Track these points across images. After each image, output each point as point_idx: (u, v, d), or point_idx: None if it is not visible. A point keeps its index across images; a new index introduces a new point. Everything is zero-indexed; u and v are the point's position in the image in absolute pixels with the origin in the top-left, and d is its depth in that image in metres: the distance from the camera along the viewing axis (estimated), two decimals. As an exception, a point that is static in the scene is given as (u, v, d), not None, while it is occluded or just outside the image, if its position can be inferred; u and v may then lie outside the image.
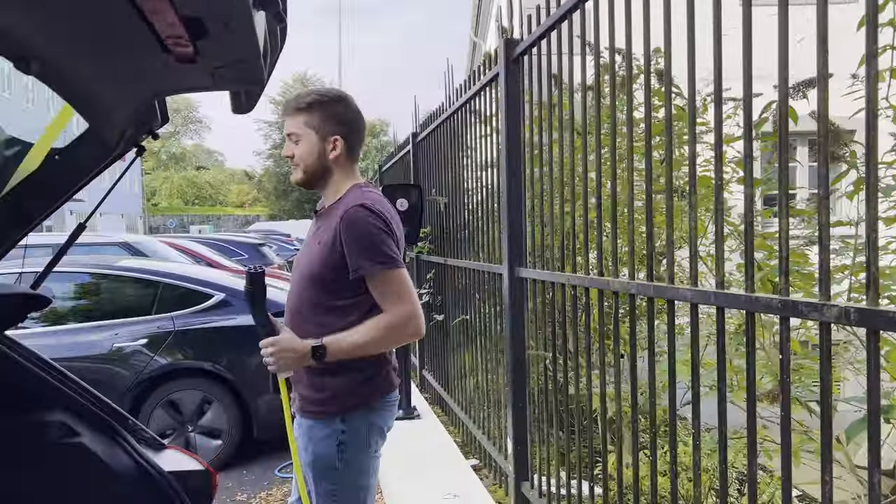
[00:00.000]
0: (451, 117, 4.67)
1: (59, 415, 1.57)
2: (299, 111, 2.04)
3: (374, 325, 1.92)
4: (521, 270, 3.24)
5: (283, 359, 1.88)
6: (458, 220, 4.59)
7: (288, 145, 2.08)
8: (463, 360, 4.56)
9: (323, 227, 2.03)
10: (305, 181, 2.08)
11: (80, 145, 1.59)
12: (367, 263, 1.91)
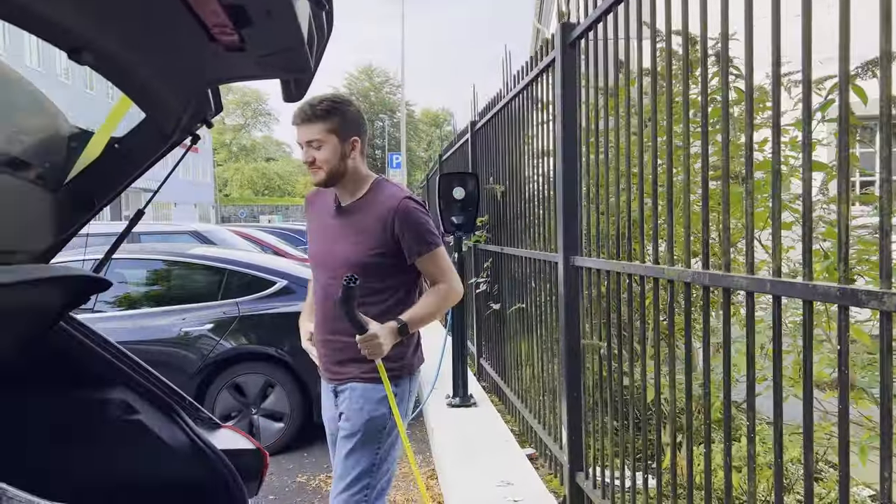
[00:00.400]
0: (509, 105, 4.64)
1: (120, 393, 1.65)
2: (318, 118, 2.17)
3: (437, 296, 2.26)
4: (576, 259, 3.20)
5: (383, 346, 2.10)
6: (515, 208, 4.57)
7: (308, 151, 2.20)
8: (519, 349, 4.55)
9: (359, 219, 2.24)
10: (328, 181, 2.24)
11: (137, 134, 1.66)
12: (424, 247, 2.24)
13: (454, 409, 4.87)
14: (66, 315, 1.57)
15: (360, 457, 2.21)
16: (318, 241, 2.32)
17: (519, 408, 4.53)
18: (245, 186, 67.19)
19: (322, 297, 2.29)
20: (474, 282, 5.84)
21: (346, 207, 2.29)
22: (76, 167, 1.60)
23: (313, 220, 2.40)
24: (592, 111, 3.04)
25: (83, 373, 1.63)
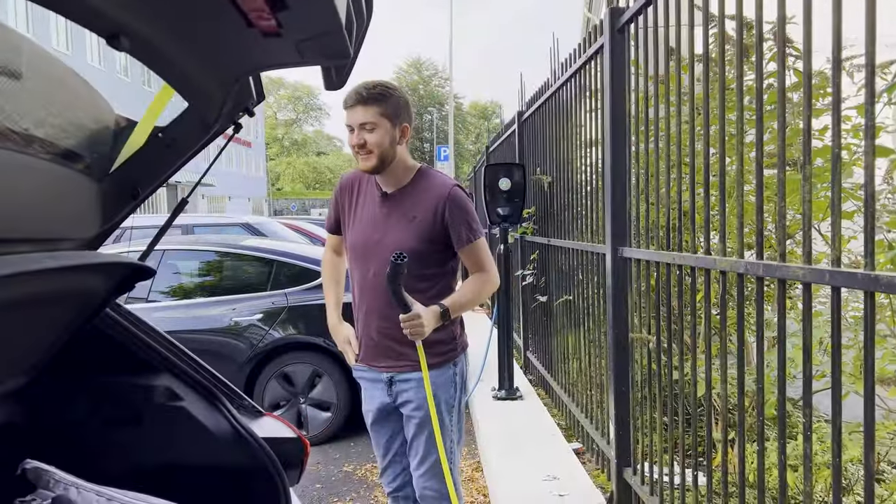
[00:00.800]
0: (556, 93, 4.56)
1: (164, 380, 1.67)
2: (372, 101, 2.15)
3: (478, 283, 2.30)
4: (625, 250, 3.12)
5: (425, 327, 2.11)
6: (562, 199, 4.50)
7: (360, 134, 2.18)
8: (566, 342, 4.49)
9: (408, 206, 2.24)
10: (377, 167, 2.22)
11: (180, 124, 1.67)
12: (472, 234, 2.27)
13: (500, 401, 4.84)
14: (111, 302, 1.60)
15: (433, 440, 2.27)
16: (363, 231, 2.29)
17: (565, 401, 4.47)
18: (296, 180, 68.27)
19: (372, 286, 2.26)
20: (520, 274, 5.79)
21: (393, 195, 2.27)
22: (121, 157, 1.62)
23: (352, 207, 2.35)
24: (642, 99, 2.95)
25: (129, 360, 1.65)
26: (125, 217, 1.68)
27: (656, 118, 2.79)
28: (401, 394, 2.31)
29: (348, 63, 1.73)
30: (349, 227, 2.35)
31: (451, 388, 2.33)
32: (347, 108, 2.17)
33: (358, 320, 2.36)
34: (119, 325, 1.66)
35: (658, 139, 2.78)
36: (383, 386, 2.34)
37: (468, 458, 4.34)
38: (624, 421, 3.23)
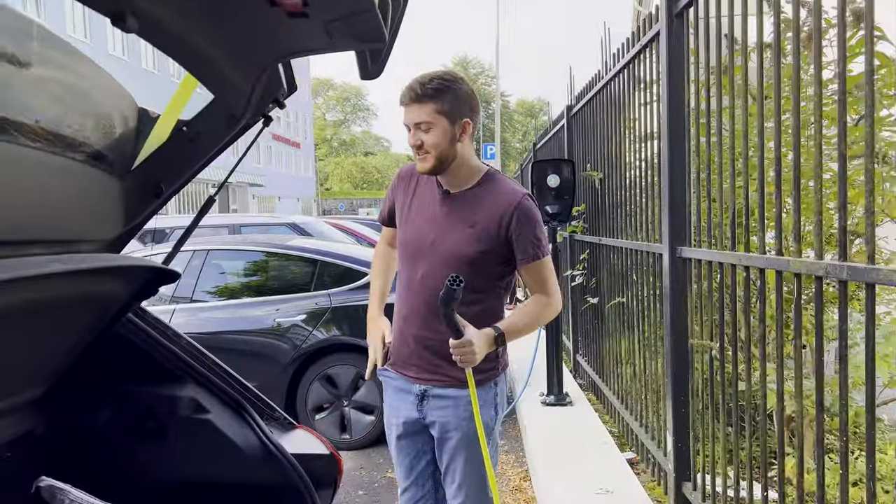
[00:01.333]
0: (608, 86, 4.36)
1: (190, 390, 1.56)
2: (428, 98, 1.97)
3: (540, 308, 2.09)
4: (684, 250, 2.92)
5: (478, 354, 1.91)
6: (615, 196, 4.29)
7: (416, 134, 2.00)
8: (619, 346, 4.28)
9: (470, 210, 2.04)
10: (436, 168, 2.04)
11: (205, 117, 1.57)
12: (540, 251, 2.05)
13: (548, 407, 4.66)
14: (134, 307, 1.50)
15: (479, 463, 2.08)
16: (418, 228, 2.11)
17: (618, 408, 4.27)
18: (344, 180, 68.93)
19: (418, 288, 2.09)
20: (570, 274, 5.59)
21: (455, 195, 2.08)
22: (143, 152, 1.52)
23: (409, 201, 2.17)
24: (703, 88, 2.75)
25: (152, 368, 1.55)
26: (149, 216, 1.58)
27: (718, 109, 2.58)
28: (433, 411, 2.11)
29: (384, 49, 1.60)
30: (403, 221, 2.17)
31: (491, 409, 2.13)
32: (403, 105, 2.00)
33: (396, 322, 2.18)
34: (143, 331, 1.56)
35: (721, 131, 2.57)
36: (414, 399, 2.14)
37: (516, 465, 4.17)
38: (683, 432, 3.02)
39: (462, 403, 2.07)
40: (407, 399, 2.15)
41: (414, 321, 2.10)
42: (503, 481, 3.95)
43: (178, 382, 1.57)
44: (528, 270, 2.06)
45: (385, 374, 2.22)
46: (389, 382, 2.21)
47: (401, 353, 2.15)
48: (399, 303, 2.17)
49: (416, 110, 1.97)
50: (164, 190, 1.55)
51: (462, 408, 2.08)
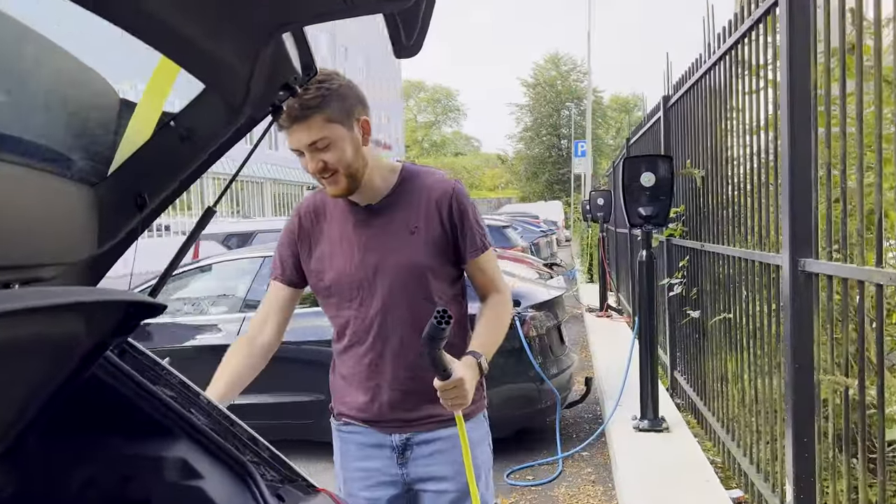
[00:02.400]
0: (711, 71, 3.84)
1: (180, 449, 1.26)
2: (312, 111, 1.58)
3: (500, 311, 1.81)
4: (809, 263, 2.41)
5: (467, 395, 1.60)
6: (719, 196, 3.76)
7: (314, 157, 1.62)
8: (724, 367, 3.75)
9: (405, 216, 1.73)
10: (351, 187, 1.68)
11: (198, 109, 1.26)
12: (486, 240, 1.80)
13: (641, 433, 4.17)
14: (112, 346, 1.20)
15: None
16: (348, 263, 1.73)
17: (722, 438, 3.74)
18: (435, 181, 69.30)
19: (378, 328, 1.72)
20: (667, 283, 5.06)
21: (378, 207, 1.74)
22: (120, 153, 1.23)
23: (321, 240, 1.79)
24: (836, 68, 2.24)
25: (138, 421, 1.26)
26: (134, 234, 1.29)
27: (857, 94, 2.07)
28: (418, 461, 1.75)
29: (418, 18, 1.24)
30: (321, 266, 1.78)
31: (486, 448, 1.85)
32: (285, 129, 1.61)
33: (353, 373, 1.78)
34: (127, 376, 1.26)
35: (862, 122, 2.06)
36: (392, 453, 1.78)
37: (603, 499, 3.73)
38: (806, 478, 2.51)
39: (455, 443, 1.71)
40: (382, 455, 1.78)
41: (385, 368, 1.74)
42: None
43: (168, 438, 1.27)
44: (478, 264, 1.78)
45: (344, 430, 1.83)
46: (351, 438, 1.82)
47: (370, 410, 1.77)
48: (354, 357, 1.77)
49: (304, 130, 1.59)
50: (148, 200, 1.25)
51: (456, 449, 1.71)
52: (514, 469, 4.19)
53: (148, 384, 1.29)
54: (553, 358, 4.64)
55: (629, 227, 4.40)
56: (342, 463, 1.85)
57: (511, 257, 9.44)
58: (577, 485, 3.96)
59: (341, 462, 1.85)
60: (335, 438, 1.88)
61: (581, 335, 8.60)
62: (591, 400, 5.48)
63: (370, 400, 1.76)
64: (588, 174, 16.83)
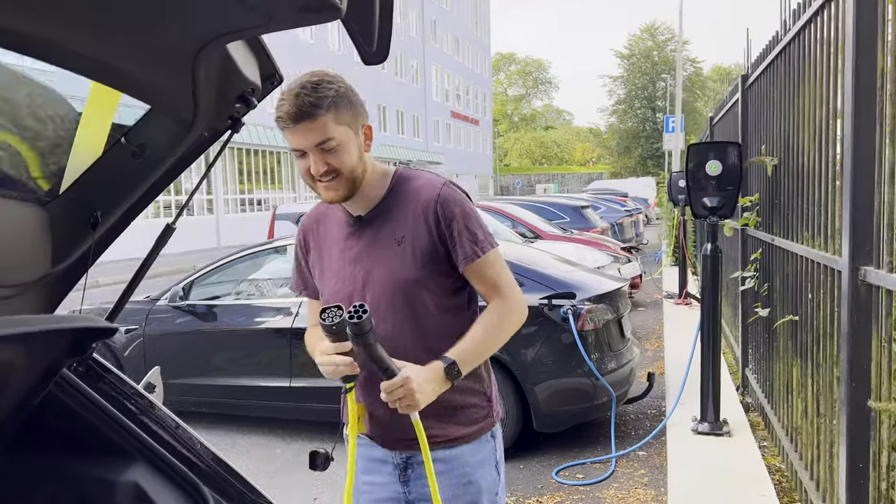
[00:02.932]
0: (784, 51, 3.52)
1: (134, 472, 1.25)
2: (323, 109, 1.50)
3: (496, 318, 1.65)
4: (870, 273, 2.16)
5: (420, 394, 1.51)
6: (790, 186, 3.46)
7: (318, 158, 1.54)
8: (789, 373, 3.48)
9: (393, 225, 1.65)
10: (350, 192, 1.61)
11: (147, 125, 1.22)
12: (479, 245, 1.64)
13: (700, 436, 3.94)
14: (63, 368, 1.20)
15: None
16: (341, 274, 1.68)
17: (786, 448, 3.49)
18: (524, 156, 68.53)
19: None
20: (739, 276, 4.75)
21: (368, 217, 1.67)
22: (70, 171, 1.21)
23: (321, 253, 1.75)
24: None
25: (96, 443, 1.25)
26: (92, 254, 1.27)
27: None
28: (419, 481, 1.68)
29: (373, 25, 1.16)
30: (322, 278, 1.73)
31: (491, 470, 1.71)
32: (288, 127, 1.52)
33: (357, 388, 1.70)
34: (87, 398, 1.25)
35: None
36: (394, 470, 1.72)
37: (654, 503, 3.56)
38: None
39: (458, 465, 1.67)
40: (384, 471, 1.73)
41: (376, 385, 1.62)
42: None
43: (124, 461, 1.26)
44: (471, 272, 1.65)
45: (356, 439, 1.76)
46: (358, 451, 1.76)
47: (370, 425, 1.70)
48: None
49: (312, 129, 1.50)
50: (101, 220, 1.22)
51: (458, 471, 1.66)
52: (563, 466, 4.08)
53: (107, 405, 1.28)
54: (612, 353, 4.46)
55: (696, 216, 4.13)
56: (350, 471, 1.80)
57: (585, 241, 9.19)
58: (627, 487, 3.81)
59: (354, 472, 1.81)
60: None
61: (658, 323, 8.29)
62: (657, 394, 5.26)
63: (369, 416, 1.70)
64: (677, 151, 16.10)
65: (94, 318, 1.18)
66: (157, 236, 1.28)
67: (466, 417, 1.67)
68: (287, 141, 1.56)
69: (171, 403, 5.09)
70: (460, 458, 1.66)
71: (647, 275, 10.64)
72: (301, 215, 8.33)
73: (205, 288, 5.10)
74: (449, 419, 1.65)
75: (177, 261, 17.78)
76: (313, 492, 3.91)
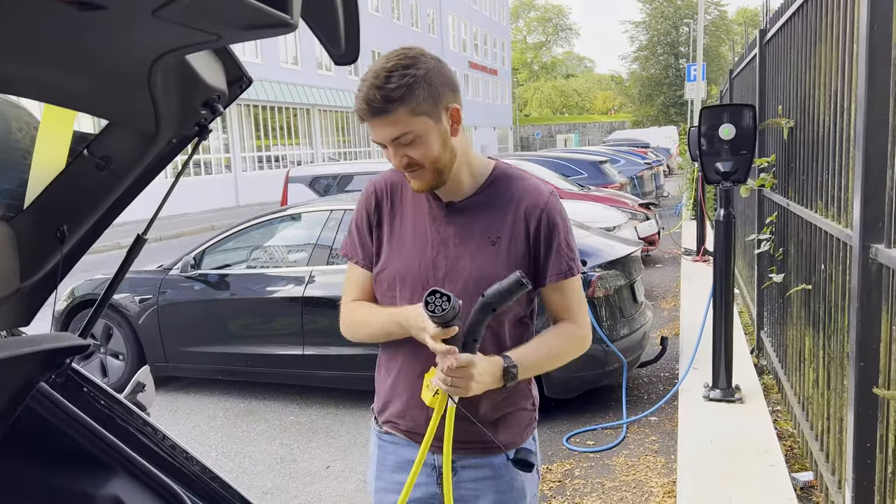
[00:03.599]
0: (805, 5, 3.35)
1: (115, 485, 1.25)
2: (396, 103, 1.39)
3: (568, 340, 1.58)
4: (881, 251, 2.08)
5: (475, 383, 1.42)
6: (806, 150, 3.35)
7: (397, 152, 1.45)
8: (802, 341, 3.43)
9: (483, 221, 1.55)
10: (437, 182, 1.51)
11: (109, 138, 1.18)
12: (574, 265, 1.56)
13: (711, 403, 3.93)
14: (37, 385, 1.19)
15: None
16: (417, 256, 1.57)
17: (798, 417, 3.46)
18: (544, 105, 67.43)
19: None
20: (755, 238, 4.66)
21: (461, 206, 1.56)
22: (33, 185, 1.18)
23: (395, 224, 1.61)
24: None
25: (74, 455, 1.25)
26: (61, 269, 1.25)
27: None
28: (463, 487, 1.59)
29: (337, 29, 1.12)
30: (392, 251, 1.60)
31: (536, 476, 1.66)
32: (365, 121, 1.44)
33: (401, 378, 1.61)
34: (63, 410, 1.25)
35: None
36: (432, 471, 1.62)
37: (663, 473, 3.57)
38: (867, 488, 2.25)
39: (507, 472, 1.59)
40: (423, 472, 1.61)
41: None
42: (643, 493, 3.39)
43: (105, 474, 1.26)
44: (559, 289, 1.55)
45: (386, 439, 1.69)
46: (392, 449, 1.67)
47: (413, 415, 1.60)
48: (405, 363, 1.60)
49: (387, 124, 1.41)
50: (68, 234, 1.20)
51: (507, 476, 1.59)
52: (573, 433, 4.09)
53: (85, 417, 1.27)
54: (624, 318, 4.42)
55: (706, 182, 4.03)
56: (378, 473, 1.70)
57: (603, 198, 9.05)
58: (638, 454, 3.81)
59: (377, 472, 1.70)
60: (374, 444, 1.72)
61: (675, 281, 8.21)
62: (671, 356, 5.23)
63: (412, 410, 1.60)
64: (698, 101, 15.67)
65: (66, 336, 1.17)
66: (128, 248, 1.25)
67: (517, 423, 1.60)
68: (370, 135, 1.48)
69: (186, 370, 5.19)
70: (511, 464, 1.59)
71: (666, 230, 10.51)
72: (315, 178, 8.20)
73: (217, 256, 5.12)
74: (504, 425, 1.59)
75: (196, 220, 17.95)
76: (326, 459, 3.97)
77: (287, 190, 8.16)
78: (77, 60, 0.92)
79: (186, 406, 4.90)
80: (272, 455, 4.07)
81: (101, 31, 0.87)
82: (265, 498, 3.54)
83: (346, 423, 4.47)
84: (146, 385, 1.64)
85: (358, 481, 3.68)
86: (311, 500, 3.53)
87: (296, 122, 26.36)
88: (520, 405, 1.60)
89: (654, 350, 4.95)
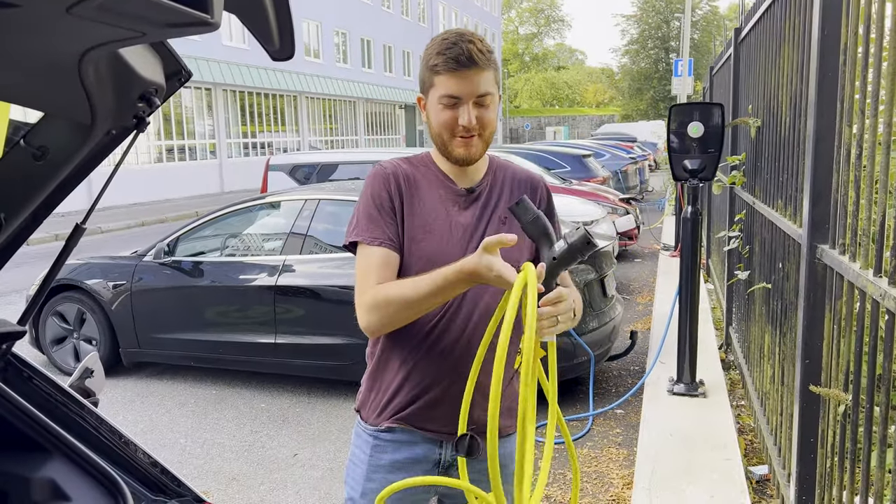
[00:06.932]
0: (773, 5, 3.39)
1: (52, 469, 1.27)
2: (489, 65, 1.50)
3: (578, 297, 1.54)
4: (826, 252, 2.13)
5: (568, 310, 1.37)
6: (770, 151, 3.40)
7: (472, 112, 1.48)
8: (762, 336, 3.49)
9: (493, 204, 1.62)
10: (480, 154, 1.58)
11: (46, 128, 1.20)
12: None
13: (675, 397, 3.99)
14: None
15: None
16: (443, 241, 1.56)
17: (757, 412, 3.53)
18: (534, 97, 67.34)
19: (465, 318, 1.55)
20: (725, 235, 4.72)
21: (478, 191, 1.62)
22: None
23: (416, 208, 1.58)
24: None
25: (12, 440, 1.27)
26: (6, 254, 1.27)
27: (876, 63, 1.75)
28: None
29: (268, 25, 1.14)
30: (418, 233, 1.57)
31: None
32: (457, 71, 1.45)
33: (433, 369, 1.56)
34: (2, 396, 1.27)
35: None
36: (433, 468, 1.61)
37: (623, 466, 3.63)
38: (808, 482, 2.32)
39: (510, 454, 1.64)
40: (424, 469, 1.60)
41: (464, 367, 1.49)
42: (602, 485, 3.45)
43: (41, 457, 1.28)
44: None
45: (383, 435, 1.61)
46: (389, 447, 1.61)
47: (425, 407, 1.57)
48: (422, 344, 1.55)
49: (479, 79, 1.47)
50: (6, 221, 1.22)
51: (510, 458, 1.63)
52: (538, 425, 4.14)
53: (23, 402, 1.30)
54: (593, 312, 4.48)
55: (674, 179, 4.08)
56: (369, 474, 1.62)
57: (583, 192, 9.09)
58: (601, 446, 3.88)
59: (368, 473, 1.62)
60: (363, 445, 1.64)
61: (652, 276, 8.29)
62: (641, 350, 5.30)
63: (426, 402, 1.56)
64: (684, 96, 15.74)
65: (3, 322, 1.19)
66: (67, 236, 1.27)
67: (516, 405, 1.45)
68: (440, 87, 1.48)
69: (159, 356, 5.15)
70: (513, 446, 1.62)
71: (646, 225, 10.59)
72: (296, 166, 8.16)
73: (192, 243, 5.12)
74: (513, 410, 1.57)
75: (181, 206, 17.86)
76: (294, 447, 4.00)
77: (267, 178, 8.14)
78: (2, 56, 0.94)
79: (158, 392, 4.92)
80: (241, 442, 4.09)
81: (22, 29, 0.88)
82: (231, 484, 3.57)
83: (317, 412, 4.50)
84: (94, 371, 1.66)
85: (324, 469, 3.72)
86: (275, 486, 3.56)
87: (283, 109, 26.20)
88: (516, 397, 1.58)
89: (625, 344, 5.02)
